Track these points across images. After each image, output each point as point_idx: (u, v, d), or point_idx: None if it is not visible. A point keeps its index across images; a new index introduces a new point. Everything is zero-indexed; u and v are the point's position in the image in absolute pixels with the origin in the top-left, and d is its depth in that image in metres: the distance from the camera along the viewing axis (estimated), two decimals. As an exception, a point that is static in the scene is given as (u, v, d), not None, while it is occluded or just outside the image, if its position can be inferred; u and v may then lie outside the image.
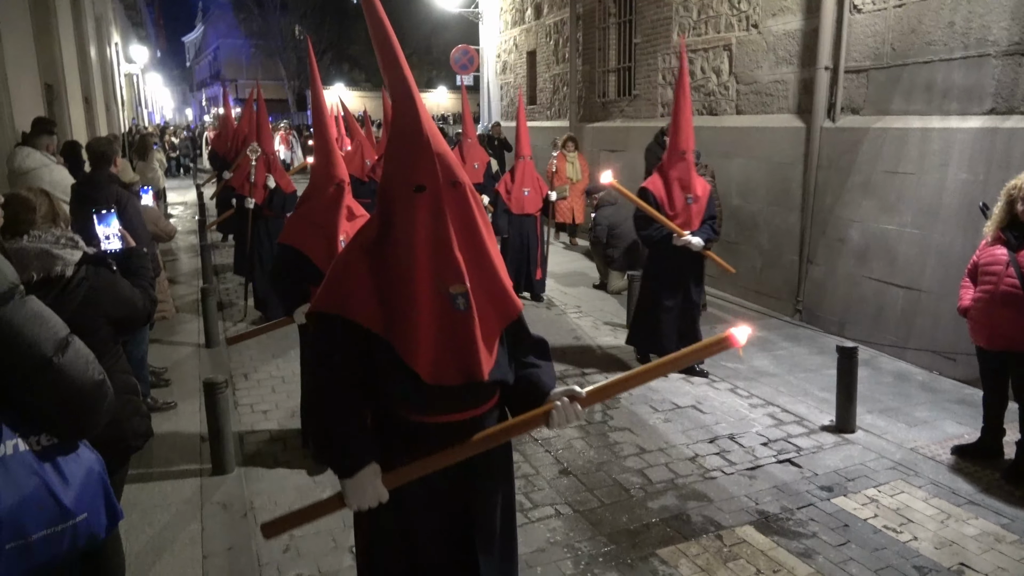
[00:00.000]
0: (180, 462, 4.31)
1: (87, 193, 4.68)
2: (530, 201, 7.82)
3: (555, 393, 1.98)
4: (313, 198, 4.07)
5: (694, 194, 5.43)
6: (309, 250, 3.93)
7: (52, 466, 1.59)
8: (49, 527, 1.55)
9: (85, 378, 1.62)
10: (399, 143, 1.87)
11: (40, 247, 2.29)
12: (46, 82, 9.24)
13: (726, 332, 1.81)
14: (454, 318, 1.86)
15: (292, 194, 7.19)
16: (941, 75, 5.77)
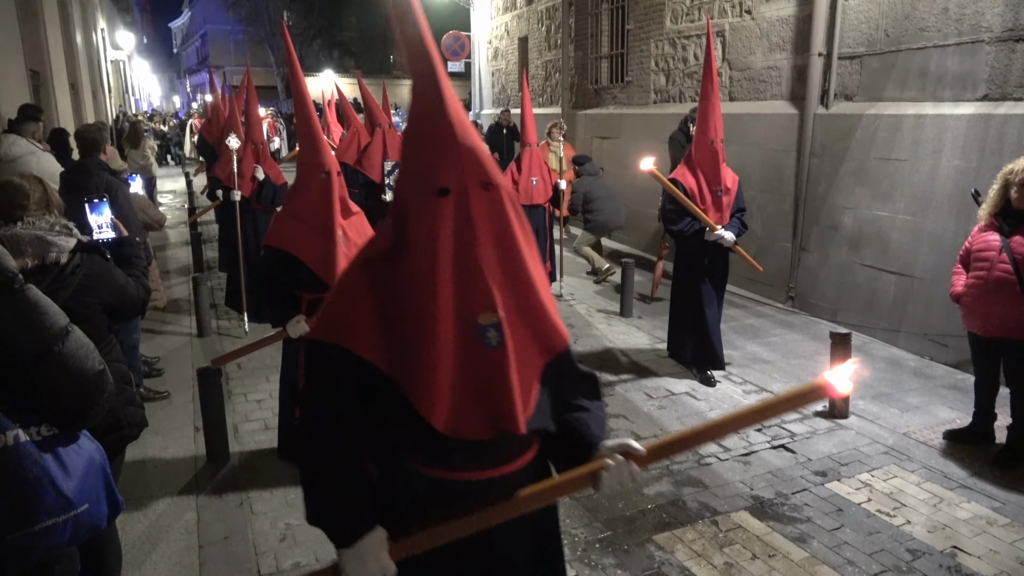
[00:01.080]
0: (174, 451, 4.30)
1: (76, 181, 4.63)
2: (538, 191, 7.48)
3: (606, 447, 1.61)
4: (301, 192, 3.67)
5: (724, 186, 5.11)
6: (300, 251, 3.56)
7: (53, 456, 1.58)
8: (51, 517, 1.54)
9: (86, 367, 1.61)
10: (417, 135, 1.52)
11: (34, 234, 2.26)
12: (32, 68, 9.12)
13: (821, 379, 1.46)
14: (482, 356, 1.51)
15: (283, 186, 6.83)
16: (934, 61, 5.77)
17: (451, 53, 16.57)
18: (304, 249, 3.55)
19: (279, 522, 3.59)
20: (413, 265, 1.51)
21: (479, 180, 1.48)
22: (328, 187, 3.57)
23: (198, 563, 3.27)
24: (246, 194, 6.64)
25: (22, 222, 2.35)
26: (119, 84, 27.04)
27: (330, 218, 3.56)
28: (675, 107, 9.14)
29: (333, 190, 3.58)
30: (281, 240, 3.61)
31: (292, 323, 3.57)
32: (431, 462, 1.59)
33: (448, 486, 1.60)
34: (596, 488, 1.57)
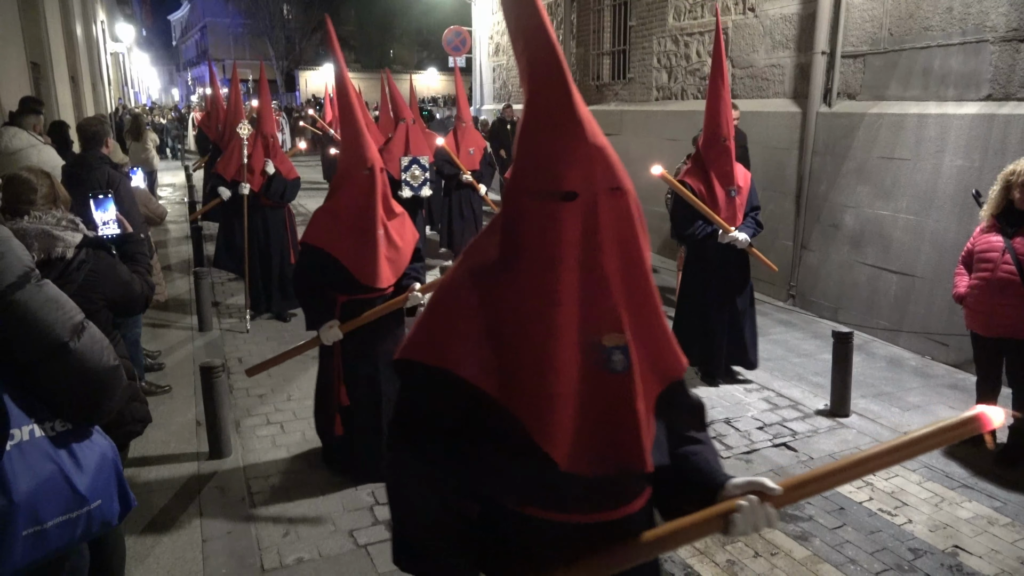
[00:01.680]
0: (176, 446, 4.29)
1: (79, 174, 4.61)
2: None
3: (735, 486, 1.42)
4: (342, 188, 3.48)
5: (736, 185, 4.92)
6: (338, 251, 3.38)
7: (67, 452, 1.57)
8: (64, 513, 1.53)
9: (101, 363, 1.61)
10: (538, 132, 1.35)
11: (41, 228, 2.26)
12: (32, 60, 9.09)
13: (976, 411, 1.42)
14: (606, 383, 1.36)
15: (295, 180, 6.68)
16: (938, 61, 5.77)
17: (452, 48, 16.54)
18: (342, 248, 3.39)
19: (282, 517, 3.59)
20: (529, 278, 1.34)
21: (609, 184, 1.33)
22: (371, 184, 3.40)
23: (201, 558, 3.27)
24: (255, 188, 6.41)
25: (29, 216, 2.34)
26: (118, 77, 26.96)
27: (371, 217, 3.38)
28: (677, 104, 9.13)
29: (376, 187, 3.40)
30: (318, 238, 3.44)
31: (325, 329, 3.43)
32: (541, 501, 1.41)
33: (559, 529, 1.41)
34: (727, 532, 1.39)
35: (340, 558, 3.28)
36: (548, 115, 1.33)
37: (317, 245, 3.43)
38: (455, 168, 8.55)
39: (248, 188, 6.32)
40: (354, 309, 3.52)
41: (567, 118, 1.31)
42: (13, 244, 1.54)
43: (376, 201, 3.39)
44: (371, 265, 3.39)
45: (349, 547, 3.35)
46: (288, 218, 6.81)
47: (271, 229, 6.66)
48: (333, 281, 3.44)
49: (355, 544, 3.37)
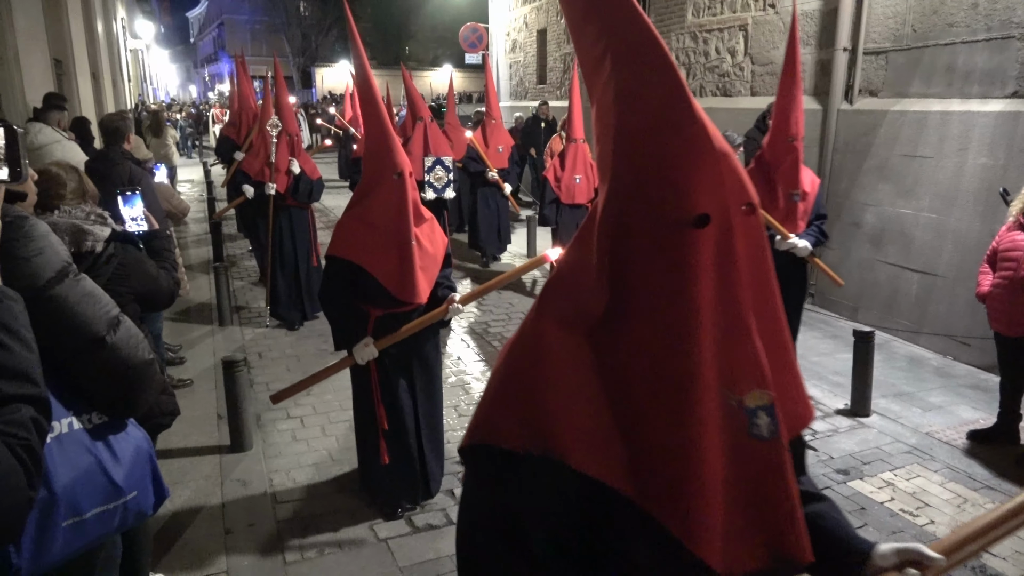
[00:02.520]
0: (198, 439, 4.34)
1: (101, 170, 4.65)
2: (581, 190, 7.02)
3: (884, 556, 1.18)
4: (370, 195, 3.21)
5: (801, 189, 4.46)
6: (370, 263, 3.13)
7: (104, 444, 1.60)
8: (103, 504, 1.56)
9: (136, 356, 1.63)
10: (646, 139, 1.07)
11: (71, 222, 2.28)
12: (55, 57, 9.19)
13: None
14: (752, 454, 1.09)
15: (319, 180, 6.47)
16: (963, 57, 5.70)
17: (469, 45, 16.54)
18: (374, 260, 3.12)
19: (303, 510, 3.62)
20: (651, 327, 1.06)
21: (742, 200, 1.07)
22: (401, 190, 3.11)
23: (224, 549, 3.30)
24: (280, 189, 6.19)
25: (59, 211, 2.37)
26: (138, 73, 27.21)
27: (404, 225, 3.11)
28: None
29: (406, 193, 3.12)
30: (347, 249, 3.16)
31: (359, 347, 3.16)
32: None
33: None
34: None
35: (361, 551, 3.30)
36: (658, 117, 1.06)
37: (346, 257, 3.15)
38: (481, 165, 8.36)
39: (275, 188, 6.15)
40: (389, 324, 3.23)
41: (685, 118, 1.04)
42: (52, 239, 1.56)
43: (408, 208, 3.12)
44: (408, 278, 3.12)
45: (370, 540, 3.37)
46: (311, 219, 6.65)
47: (296, 230, 6.47)
48: (365, 295, 3.18)
49: (376, 538, 3.39)
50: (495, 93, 9.15)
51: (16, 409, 1.18)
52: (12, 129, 1.26)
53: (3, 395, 1.17)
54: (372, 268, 3.12)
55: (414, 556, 3.26)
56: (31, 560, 1.43)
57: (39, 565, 1.45)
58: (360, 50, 3.17)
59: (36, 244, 1.51)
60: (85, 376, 1.58)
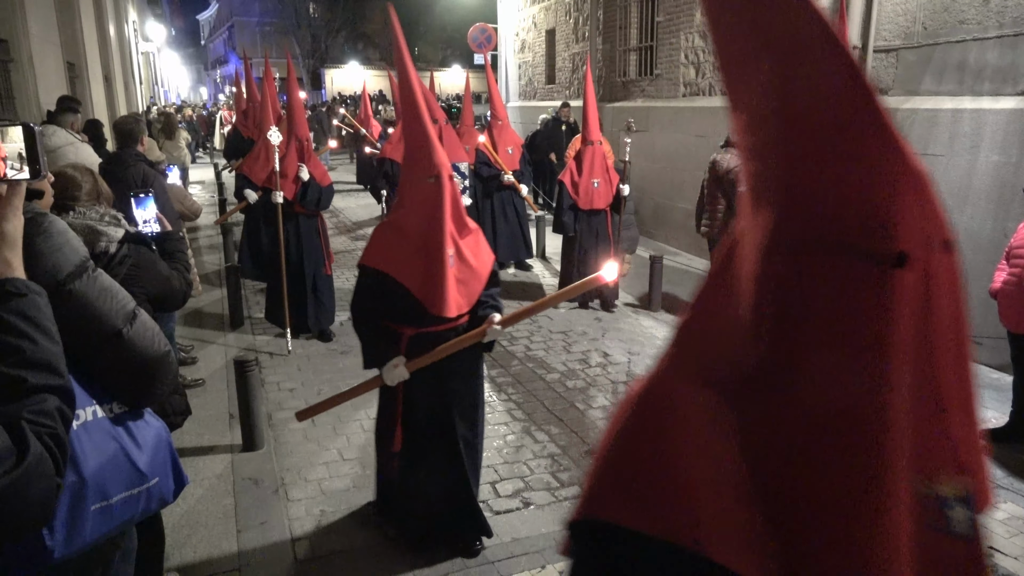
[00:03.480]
0: (210, 439, 4.38)
1: (114, 172, 4.70)
2: (600, 194, 6.67)
3: None
4: (404, 200, 3.01)
5: None
6: (402, 274, 2.89)
7: (126, 431, 1.65)
8: (128, 489, 1.62)
9: (152, 349, 1.67)
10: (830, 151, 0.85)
11: (85, 223, 2.32)
12: (68, 60, 9.28)
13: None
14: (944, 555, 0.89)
15: (329, 187, 6.13)
16: (974, 55, 5.67)
17: (478, 45, 16.58)
18: (407, 271, 2.88)
19: (314, 508, 3.65)
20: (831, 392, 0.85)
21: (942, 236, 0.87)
22: (437, 194, 2.85)
23: (236, 547, 3.33)
24: (288, 196, 5.87)
25: (74, 212, 2.41)
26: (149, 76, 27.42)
27: (438, 233, 2.85)
28: (705, 100, 9.07)
29: (444, 198, 2.86)
30: (379, 259, 2.94)
31: (389, 368, 2.91)
32: None
33: None
34: None
35: (371, 549, 3.33)
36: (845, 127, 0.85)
37: (378, 267, 2.92)
38: (494, 169, 8.05)
39: (282, 196, 5.80)
40: (423, 344, 2.97)
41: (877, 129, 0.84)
42: (70, 236, 1.60)
43: (444, 214, 2.84)
44: (439, 290, 2.85)
45: (379, 539, 3.39)
46: (321, 226, 6.30)
47: (303, 238, 6.14)
48: (398, 310, 2.95)
49: (385, 536, 3.41)
50: (499, 92, 8.87)
51: (43, 399, 1.22)
52: (31, 128, 1.30)
53: (30, 385, 1.22)
54: (404, 278, 2.88)
55: (424, 554, 3.28)
56: (64, 543, 1.47)
57: (71, 547, 1.49)
58: (402, 44, 2.96)
59: (55, 240, 1.55)
60: (104, 367, 1.62)
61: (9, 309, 1.24)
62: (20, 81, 7.01)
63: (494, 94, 8.74)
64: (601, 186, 6.68)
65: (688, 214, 9.16)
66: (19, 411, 1.18)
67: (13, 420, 1.17)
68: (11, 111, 6.81)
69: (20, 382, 1.21)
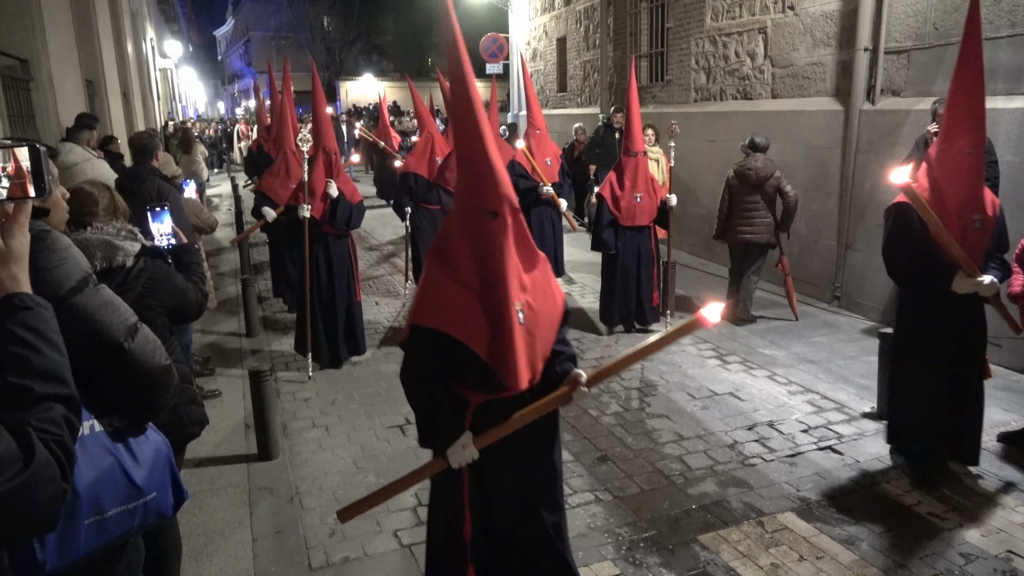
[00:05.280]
0: (226, 448, 4.43)
1: (130, 187, 4.80)
2: (643, 209, 6.22)
3: None
4: (455, 239, 2.39)
5: (982, 214, 3.57)
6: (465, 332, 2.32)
7: (124, 446, 1.68)
8: (123, 504, 1.64)
9: (153, 363, 1.71)
10: None
11: (103, 238, 2.38)
12: (87, 78, 9.46)
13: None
14: None
15: (359, 204, 5.65)
16: (987, 55, 5.56)
17: (489, 55, 16.67)
18: (470, 329, 2.33)
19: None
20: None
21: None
22: (499, 234, 2.26)
23: (252, 556, 3.38)
24: (316, 214, 5.42)
25: (91, 227, 2.48)
26: (167, 91, 27.82)
27: (501, 284, 2.28)
28: (716, 105, 9.06)
29: (506, 239, 2.28)
30: (435, 315, 2.36)
31: (456, 449, 2.35)
32: None
33: None
34: None
35: (385, 557, 3.35)
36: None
37: (434, 327, 2.34)
38: (531, 180, 7.48)
39: (308, 211, 5.34)
40: (493, 412, 2.45)
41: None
42: (73, 251, 1.65)
43: (506, 261, 2.28)
44: (508, 357, 2.31)
45: (393, 547, 3.42)
46: (352, 247, 5.81)
47: (334, 261, 5.62)
48: (461, 376, 2.44)
49: (399, 544, 3.44)
50: (537, 100, 8.19)
51: (49, 408, 1.27)
52: (35, 147, 1.35)
53: (37, 395, 1.26)
54: (466, 336, 2.33)
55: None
56: (56, 556, 1.51)
57: (63, 560, 1.53)
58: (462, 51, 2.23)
59: (58, 256, 1.60)
60: (105, 381, 1.66)
61: (16, 322, 1.28)
62: (40, 100, 7.16)
63: (532, 101, 8.06)
64: (644, 200, 6.22)
65: (701, 219, 9.15)
66: (26, 418, 1.23)
67: (20, 427, 1.21)
68: (32, 130, 6.95)
69: (27, 391, 1.25)
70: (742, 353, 5.96)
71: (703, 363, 5.78)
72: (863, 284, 6.86)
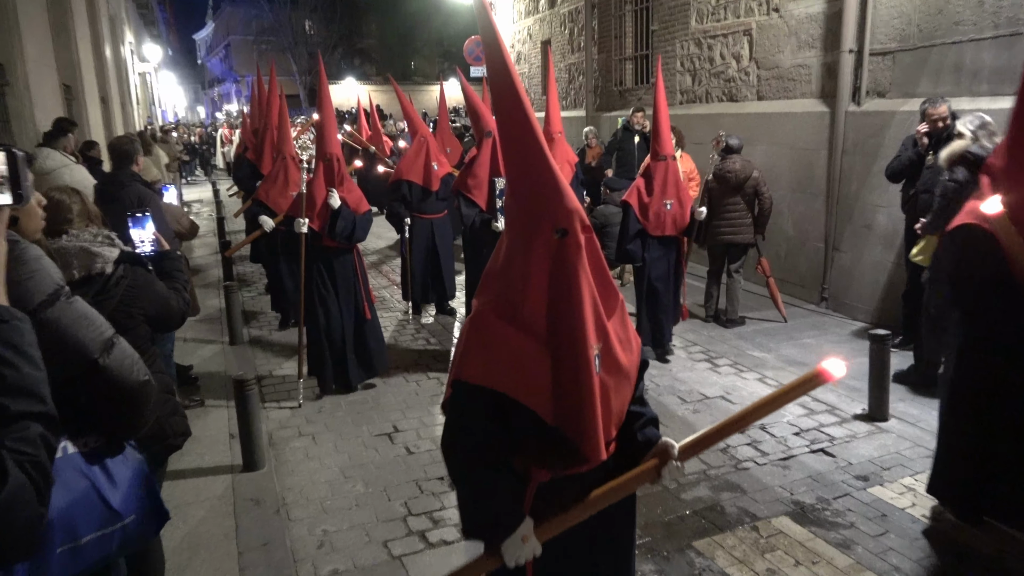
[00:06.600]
0: (210, 459, 4.35)
1: (111, 192, 4.72)
2: (672, 218, 5.68)
3: None
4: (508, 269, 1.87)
5: None
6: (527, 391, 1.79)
7: (100, 468, 1.60)
8: (99, 529, 1.56)
9: (131, 378, 1.63)
10: None
11: (80, 245, 2.31)
12: (64, 83, 9.32)
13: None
14: None
15: (366, 215, 5.16)
16: (970, 56, 5.67)
17: (474, 59, 16.64)
18: (532, 384, 1.80)
19: (316, 528, 3.62)
20: None
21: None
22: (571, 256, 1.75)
23: (238, 569, 3.30)
24: (315, 227, 5.00)
25: (67, 234, 2.40)
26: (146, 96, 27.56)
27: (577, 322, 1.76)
28: (702, 108, 9.08)
29: (580, 261, 1.76)
30: (486, 368, 1.82)
31: (513, 542, 1.81)
32: None
33: None
34: None
35: (375, 569, 3.29)
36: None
37: (487, 384, 1.81)
38: None
39: (307, 225, 4.95)
40: (558, 491, 1.94)
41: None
42: (44, 263, 1.57)
43: (582, 291, 1.75)
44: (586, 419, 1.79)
45: (384, 558, 3.36)
46: (358, 261, 5.31)
47: (338, 278, 5.17)
48: (521, 447, 1.91)
49: (389, 555, 3.38)
50: (557, 103, 7.63)
51: (25, 427, 1.21)
52: (12, 153, 1.29)
53: (11, 413, 1.20)
54: (529, 397, 1.80)
55: (428, 572, 3.25)
56: None
57: None
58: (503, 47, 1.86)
59: (28, 267, 1.53)
60: (80, 398, 1.59)
61: None
62: (16, 105, 7.03)
63: (552, 102, 7.56)
64: (674, 208, 5.67)
65: (688, 222, 9.15)
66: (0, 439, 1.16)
67: None
68: (7, 135, 6.82)
69: (1, 409, 1.19)
70: (732, 356, 5.95)
71: (693, 366, 5.76)
72: (850, 285, 6.89)
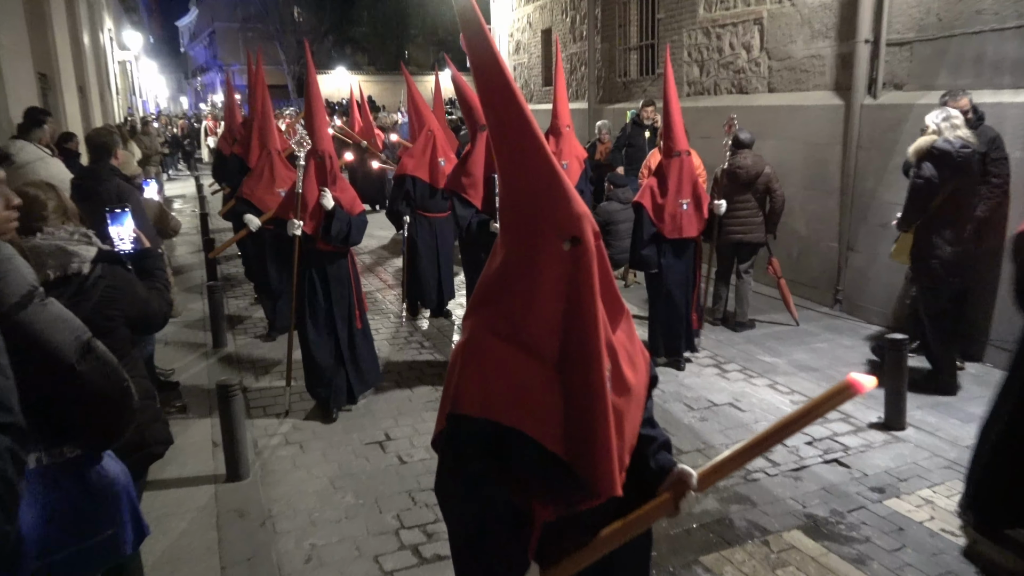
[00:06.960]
0: (193, 468, 4.33)
1: (89, 187, 4.69)
2: (690, 219, 5.52)
3: None
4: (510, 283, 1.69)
5: None
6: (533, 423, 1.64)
7: (76, 480, 1.58)
8: (76, 544, 1.54)
9: (109, 384, 1.61)
10: None
11: (55, 244, 2.29)
12: (40, 71, 9.29)
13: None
14: None
15: (360, 216, 4.98)
16: (992, 46, 5.67)
17: (470, 47, 16.61)
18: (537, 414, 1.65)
19: (303, 541, 3.60)
20: None
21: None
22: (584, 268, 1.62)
23: (221, 586, 3.29)
24: (309, 230, 4.82)
25: (41, 232, 2.38)
26: (126, 86, 27.51)
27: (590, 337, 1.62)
28: (710, 100, 9.08)
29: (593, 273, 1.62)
30: (485, 398, 1.66)
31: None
32: None
33: None
34: None
35: (366, 585, 3.28)
36: None
37: (487, 416, 1.66)
38: None
39: (300, 227, 4.78)
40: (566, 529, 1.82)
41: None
42: (17, 262, 1.54)
43: (596, 303, 1.62)
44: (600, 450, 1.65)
45: (375, 573, 3.35)
46: (351, 266, 5.17)
47: (332, 283, 4.97)
48: (524, 484, 1.75)
49: (380, 570, 3.37)
50: (565, 94, 7.43)
51: None
52: None
53: None
54: (539, 430, 1.65)
55: (422, 589, 3.24)
56: None
57: None
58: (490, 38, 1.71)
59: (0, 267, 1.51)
60: (55, 406, 1.56)
61: None
62: (-12, 94, 7.02)
63: (560, 94, 7.30)
64: (691, 208, 5.52)
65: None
66: None
67: None
68: (-21, 127, 6.80)
69: None
70: (741, 361, 5.94)
71: (700, 372, 5.76)
72: (866, 287, 6.88)
